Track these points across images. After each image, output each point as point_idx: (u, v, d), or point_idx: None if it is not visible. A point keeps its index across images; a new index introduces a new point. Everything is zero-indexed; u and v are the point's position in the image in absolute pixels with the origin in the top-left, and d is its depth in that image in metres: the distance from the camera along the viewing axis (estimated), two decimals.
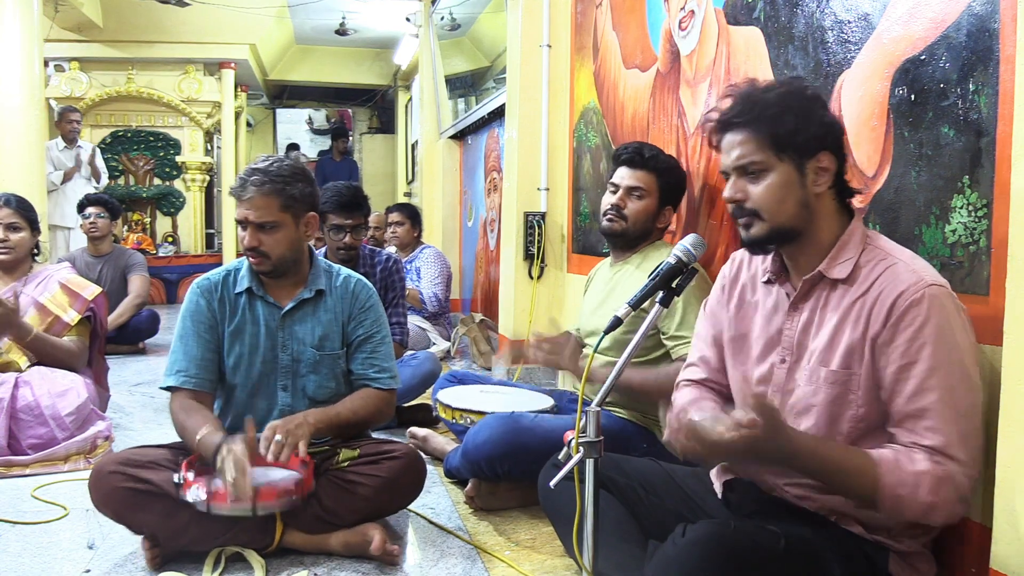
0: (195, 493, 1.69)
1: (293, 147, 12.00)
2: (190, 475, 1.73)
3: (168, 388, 1.96)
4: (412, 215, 4.92)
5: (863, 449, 1.28)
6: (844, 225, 1.40)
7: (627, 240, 2.29)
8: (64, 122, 6.54)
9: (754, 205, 1.38)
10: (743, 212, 1.39)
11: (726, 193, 1.41)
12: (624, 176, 2.27)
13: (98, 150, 6.87)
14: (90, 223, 4.76)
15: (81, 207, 4.84)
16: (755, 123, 1.36)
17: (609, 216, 2.27)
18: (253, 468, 1.71)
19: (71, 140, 6.56)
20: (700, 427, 1.21)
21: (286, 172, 1.93)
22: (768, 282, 1.48)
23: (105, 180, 6.89)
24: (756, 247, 1.43)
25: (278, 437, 1.76)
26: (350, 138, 12.27)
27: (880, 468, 1.22)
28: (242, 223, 1.94)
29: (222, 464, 1.68)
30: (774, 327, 1.45)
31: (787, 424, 1.23)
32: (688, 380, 1.62)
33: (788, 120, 1.34)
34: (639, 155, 2.25)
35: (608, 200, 2.29)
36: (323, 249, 3.24)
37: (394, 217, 4.92)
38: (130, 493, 1.77)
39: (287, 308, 2.01)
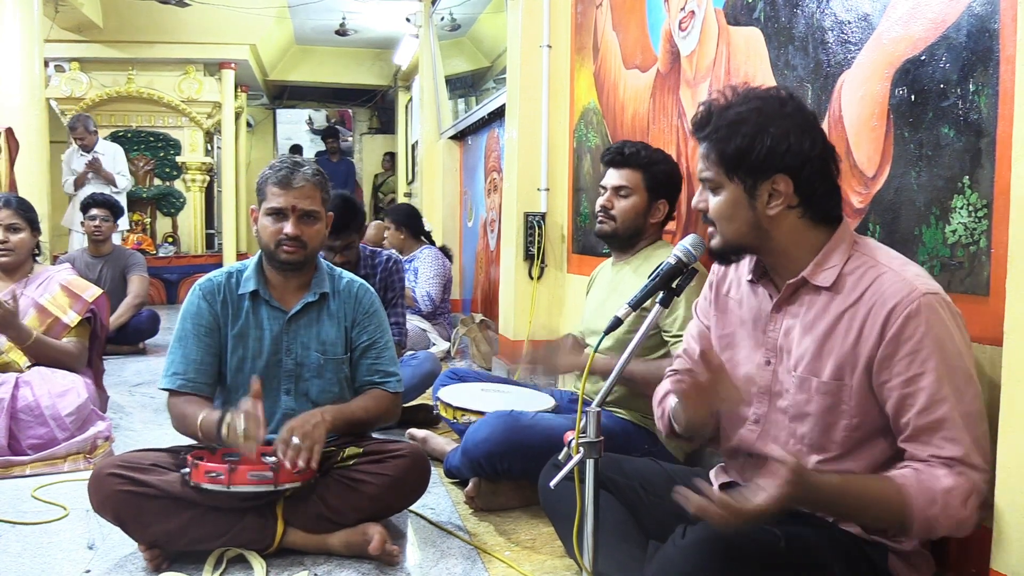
0: (211, 476, 1.70)
1: (296, 149, 12.01)
2: (198, 462, 1.74)
3: (165, 389, 1.97)
4: (398, 220, 4.92)
5: (884, 475, 1.25)
6: (823, 236, 1.36)
7: (621, 240, 2.31)
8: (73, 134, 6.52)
9: (711, 217, 1.40)
10: (707, 220, 1.42)
11: (693, 201, 1.44)
12: (610, 177, 2.30)
13: (108, 155, 6.62)
14: (95, 225, 4.75)
15: (85, 208, 4.83)
16: (709, 139, 1.37)
17: (599, 218, 2.32)
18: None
19: (85, 148, 6.51)
20: (733, 501, 1.15)
21: (320, 171, 2.01)
22: (752, 282, 1.48)
23: (125, 183, 6.70)
24: (716, 257, 1.45)
25: (296, 440, 1.73)
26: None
27: (906, 491, 1.20)
28: (281, 212, 1.94)
29: (231, 422, 1.70)
30: (759, 328, 1.45)
31: (810, 471, 1.21)
32: (673, 371, 1.64)
33: (737, 141, 1.32)
34: (620, 154, 2.28)
35: (598, 202, 2.33)
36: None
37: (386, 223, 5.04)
38: (129, 496, 1.76)
39: (292, 312, 2.01)
